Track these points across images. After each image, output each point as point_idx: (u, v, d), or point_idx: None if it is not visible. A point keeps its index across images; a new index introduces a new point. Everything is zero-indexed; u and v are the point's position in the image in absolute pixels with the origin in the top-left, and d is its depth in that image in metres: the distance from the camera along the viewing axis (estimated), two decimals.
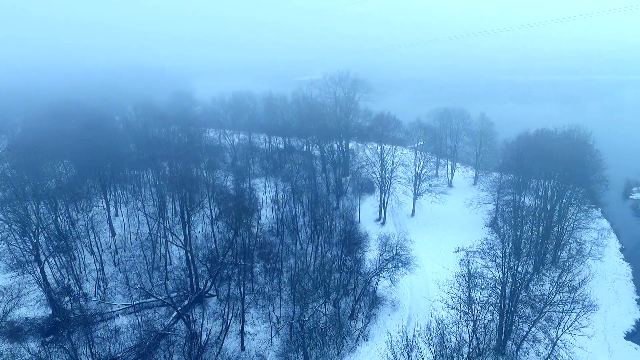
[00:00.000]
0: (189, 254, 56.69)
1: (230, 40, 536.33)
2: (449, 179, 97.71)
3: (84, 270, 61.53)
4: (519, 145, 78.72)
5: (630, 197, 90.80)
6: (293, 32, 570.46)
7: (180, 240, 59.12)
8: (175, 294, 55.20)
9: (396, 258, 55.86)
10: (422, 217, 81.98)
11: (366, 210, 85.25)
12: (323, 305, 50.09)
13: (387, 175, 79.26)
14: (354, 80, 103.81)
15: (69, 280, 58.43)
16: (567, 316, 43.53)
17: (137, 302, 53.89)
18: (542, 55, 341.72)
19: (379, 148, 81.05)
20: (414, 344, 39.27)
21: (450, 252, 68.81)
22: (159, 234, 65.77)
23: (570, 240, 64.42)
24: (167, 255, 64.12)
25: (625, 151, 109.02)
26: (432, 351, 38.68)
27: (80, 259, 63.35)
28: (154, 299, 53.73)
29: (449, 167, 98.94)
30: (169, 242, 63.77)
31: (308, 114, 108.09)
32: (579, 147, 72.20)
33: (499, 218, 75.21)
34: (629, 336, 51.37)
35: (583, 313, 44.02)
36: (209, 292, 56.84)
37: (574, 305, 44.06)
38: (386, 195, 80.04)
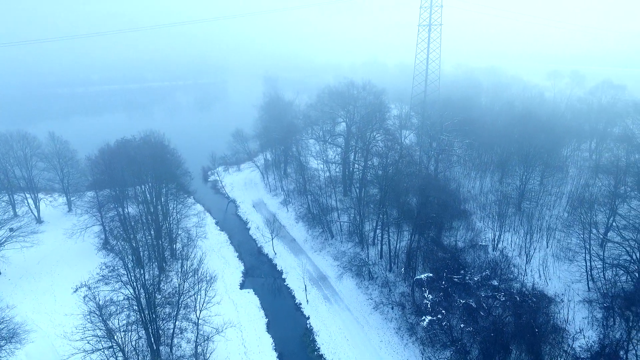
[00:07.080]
0: None
1: None
2: (36, 214, 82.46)
3: None
4: (104, 158, 76.74)
5: (209, 180, 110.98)
6: None
7: None
8: None
9: None
10: (15, 271, 65.50)
11: None
12: None
13: None
14: None
15: None
16: (199, 296, 48.89)
17: None
18: (98, 67, 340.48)
19: None
20: None
21: (68, 294, 59.53)
22: None
23: (179, 232, 71.52)
24: None
25: (193, 144, 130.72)
26: None
27: None
28: None
29: (30, 201, 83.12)
30: None
31: None
32: (160, 149, 79.25)
33: (110, 236, 72.00)
34: (242, 286, 64.60)
35: (209, 287, 50.83)
36: None
37: (201, 284, 49.99)
38: None
